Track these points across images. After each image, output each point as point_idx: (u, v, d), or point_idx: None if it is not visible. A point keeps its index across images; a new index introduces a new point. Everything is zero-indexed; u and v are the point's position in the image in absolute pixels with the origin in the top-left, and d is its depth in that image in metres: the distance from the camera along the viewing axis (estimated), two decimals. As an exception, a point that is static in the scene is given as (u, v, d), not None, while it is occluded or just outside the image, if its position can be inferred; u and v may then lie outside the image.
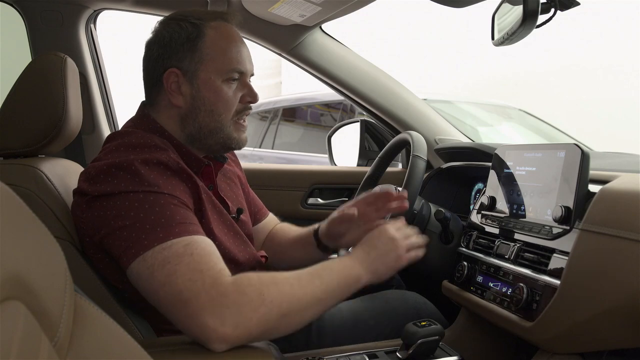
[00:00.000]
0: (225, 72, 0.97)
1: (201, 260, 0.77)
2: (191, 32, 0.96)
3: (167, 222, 0.79)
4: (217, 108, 0.97)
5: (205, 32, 0.96)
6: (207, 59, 0.96)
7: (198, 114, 0.97)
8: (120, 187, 0.82)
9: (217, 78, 0.96)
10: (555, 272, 0.87)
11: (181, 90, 0.96)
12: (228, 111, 0.98)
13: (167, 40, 0.96)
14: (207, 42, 0.96)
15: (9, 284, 0.35)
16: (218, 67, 0.96)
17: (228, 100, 0.97)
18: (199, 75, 0.96)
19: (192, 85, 0.96)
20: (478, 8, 1.15)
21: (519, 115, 3.40)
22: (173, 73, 0.96)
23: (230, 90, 0.98)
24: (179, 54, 0.96)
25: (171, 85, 0.96)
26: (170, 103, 0.97)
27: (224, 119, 0.98)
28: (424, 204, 1.26)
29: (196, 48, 0.95)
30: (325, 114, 3.67)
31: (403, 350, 0.99)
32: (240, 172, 1.22)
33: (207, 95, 0.96)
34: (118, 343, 0.51)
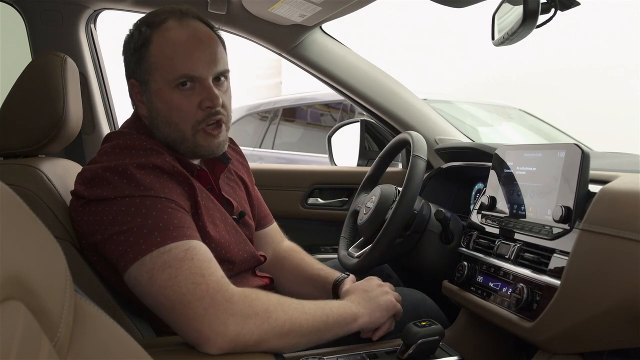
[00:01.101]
0: (173, 80, 0.90)
1: (202, 265, 0.77)
2: (137, 41, 0.92)
3: (165, 226, 0.79)
4: (171, 118, 0.92)
5: (151, 40, 0.91)
6: (154, 67, 0.91)
7: (158, 124, 0.94)
8: (116, 191, 0.82)
9: (165, 87, 0.91)
10: (555, 272, 0.87)
11: (142, 100, 0.95)
12: (184, 120, 0.92)
13: (124, 50, 0.96)
14: (152, 50, 0.91)
15: (9, 284, 0.35)
16: (164, 75, 0.90)
17: (181, 109, 0.91)
18: (150, 86, 0.92)
19: (147, 95, 0.94)
20: (478, 8, 1.15)
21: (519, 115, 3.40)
22: (131, 83, 0.95)
23: (184, 97, 0.91)
24: (132, 65, 0.94)
25: (136, 95, 0.96)
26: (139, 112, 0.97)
27: (183, 129, 0.92)
28: (424, 204, 1.26)
29: (143, 58, 0.92)
30: (325, 114, 3.67)
31: (403, 350, 0.99)
32: (248, 175, 1.21)
33: (159, 106, 0.92)
34: (118, 343, 0.51)
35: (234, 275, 0.99)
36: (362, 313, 0.94)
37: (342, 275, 1.13)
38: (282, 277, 1.19)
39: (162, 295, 0.76)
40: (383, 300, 0.98)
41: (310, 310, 0.85)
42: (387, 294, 1.00)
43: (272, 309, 0.78)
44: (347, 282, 1.08)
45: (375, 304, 0.97)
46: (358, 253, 1.26)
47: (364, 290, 0.99)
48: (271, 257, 1.22)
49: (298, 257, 1.22)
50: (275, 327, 0.77)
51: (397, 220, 1.13)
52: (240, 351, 0.75)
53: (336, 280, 1.12)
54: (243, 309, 0.75)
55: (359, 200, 1.41)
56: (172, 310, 0.76)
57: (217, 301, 0.74)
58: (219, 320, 0.73)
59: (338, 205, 1.82)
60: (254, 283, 1.07)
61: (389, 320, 1.01)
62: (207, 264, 0.78)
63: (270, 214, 1.28)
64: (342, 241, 1.38)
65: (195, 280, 0.75)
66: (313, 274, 1.18)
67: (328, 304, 0.90)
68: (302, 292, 1.14)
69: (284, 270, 1.21)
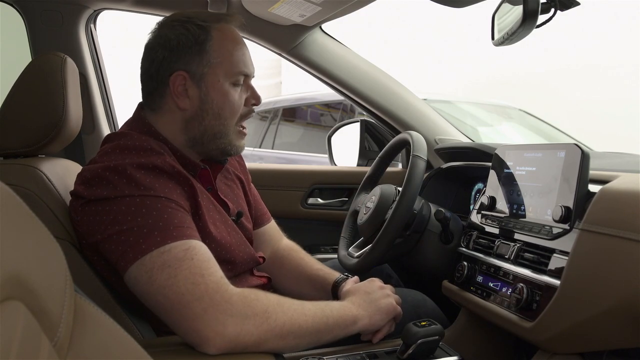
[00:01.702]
0: (233, 75, 0.97)
1: (202, 265, 0.77)
2: (199, 35, 0.95)
3: (165, 225, 0.79)
4: (224, 111, 0.97)
5: (212, 35, 0.95)
6: (215, 62, 0.95)
7: (205, 117, 0.96)
8: (116, 191, 0.82)
9: (225, 81, 0.96)
10: (555, 272, 0.87)
11: (188, 93, 0.95)
12: (234, 115, 0.98)
13: (174, 43, 0.95)
14: (214, 45, 0.95)
15: (9, 284, 0.35)
16: (226, 70, 0.96)
17: (234, 104, 0.97)
18: (207, 78, 0.95)
19: (199, 88, 0.95)
20: (478, 8, 1.15)
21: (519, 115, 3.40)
22: (180, 76, 0.94)
23: (237, 93, 0.98)
24: (186, 57, 0.94)
25: (178, 88, 0.95)
26: (176, 106, 0.96)
27: (229, 124, 0.98)
28: (424, 204, 1.26)
29: (204, 51, 0.94)
30: (325, 114, 3.67)
31: (403, 350, 0.99)
32: (244, 174, 1.21)
33: (216, 98, 0.96)
34: (118, 343, 0.51)
35: (234, 276, 0.99)
36: (362, 315, 0.94)
37: (341, 276, 1.13)
38: (282, 277, 1.19)
39: (161, 295, 0.76)
40: (384, 303, 0.98)
41: (310, 311, 0.85)
42: (388, 297, 1.00)
43: (271, 309, 0.78)
44: (349, 282, 1.07)
45: (376, 306, 0.97)
46: (358, 253, 1.26)
47: (365, 292, 0.99)
48: (270, 255, 1.22)
49: (297, 256, 1.22)
50: (275, 328, 0.77)
51: (397, 220, 1.13)
52: (240, 351, 0.75)
53: (336, 281, 1.12)
54: (242, 309, 0.75)
55: (359, 200, 1.41)
56: (172, 310, 0.76)
57: (216, 301, 0.74)
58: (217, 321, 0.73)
59: (338, 205, 1.82)
60: (252, 282, 1.07)
61: (389, 323, 1.01)
62: (207, 264, 0.78)
63: (268, 212, 1.28)
64: (342, 241, 1.38)
65: (195, 280, 0.75)
66: (312, 274, 1.18)
67: (328, 306, 0.90)
68: (301, 291, 1.14)
69: (283, 269, 1.21)
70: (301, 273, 1.19)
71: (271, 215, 1.29)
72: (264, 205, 1.27)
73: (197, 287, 0.74)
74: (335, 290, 1.11)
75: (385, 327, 1.00)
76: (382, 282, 1.06)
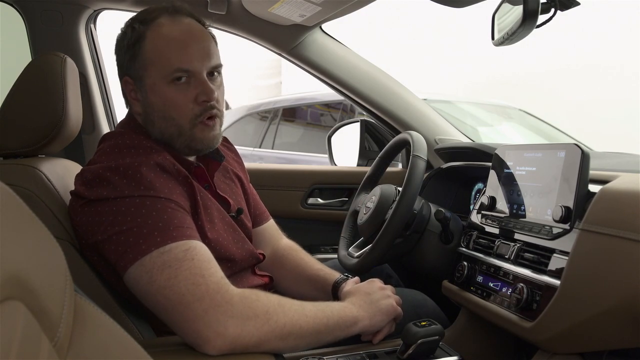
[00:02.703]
0: (168, 74, 0.90)
1: (202, 265, 0.77)
2: (131, 38, 0.92)
3: (165, 226, 0.79)
4: (168, 113, 0.92)
5: (145, 35, 0.91)
6: (148, 63, 0.91)
7: (154, 119, 0.94)
8: (116, 191, 0.82)
9: (161, 82, 0.91)
10: (555, 272, 0.87)
11: (137, 97, 0.95)
12: (181, 115, 0.92)
13: (117, 48, 0.95)
14: (146, 46, 0.91)
15: (9, 284, 0.35)
16: (159, 70, 0.91)
17: (177, 104, 0.91)
18: (145, 82, 0.92)
19: (142, 92, 0.94)
20: (478, 8, 1.15)
21: (519, 115, 3.40)
22: (125, 81, 0.95)
23: (180, 92, 0.91)
24: (125, 62, 0.94)
25: (130, 93, 0.95)
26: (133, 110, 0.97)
27: (180, 123, 0.92)
28: (424, 204, 1.26)
29: (137, 54, 0.92)
30: (325, 114, 3.67)
31: (403, 350, 0.99)
32: (243, 172, 1.21)
33: (155, 101, 0.92)
34: (118, 343, 0.51)
35: (234, 273, 0.99)
36: (362, 316, 0.94)
37: (342, 276, 1.13)
38: (281, 277, 1.19)
39: (161, 295, 0.76)
40: (384, 304, 0.99)
41: (310, 312, 0.85)
42: (389, 298, 1.00)
43: (272, 310, 0.78)
44: (349, 283, 1.07)
45: (376, 307, 0.97)
46: (358, 253, 1.26)
47: (366, 293, 0.99)
48: (270, 255, 1.22)
49: (297, 256, 1.22)
50: (275, 329, 0.78)
51: (397, 220, 1.13)
52: (240, 352, 0.75)
53: (336, 282, 1.12)
54: (243, 310, 0.75)
55: (359, 200, 1.41)
56: (172, 311, 0.76)
57: (216, 302, 0.74)
58: (218, 322, 0.73)
59: (338, 205, 1.82)
60: (254, 282, 1.07)
61: (389, 324, 1.01)
62: (207, 265, 0.78)
63: (267, 211, 1.28)
64: (342, 241, 1.38)
65: (195, 281, 0.75)
66: (313, 274, 1.17)
67: (329, 307, 0.90)
68: (301, 292, 1.14)
69: (283, 269, 1.20)
70: (301, 273, 1.18)
71: (271, 215, 1.29)
72: (262, 204, 1.27)
73: (198, 287, 0.74)
74: (335, 290, 1.11)
75: (386, 327, 1.00)
76: (382, 282, 1.06)
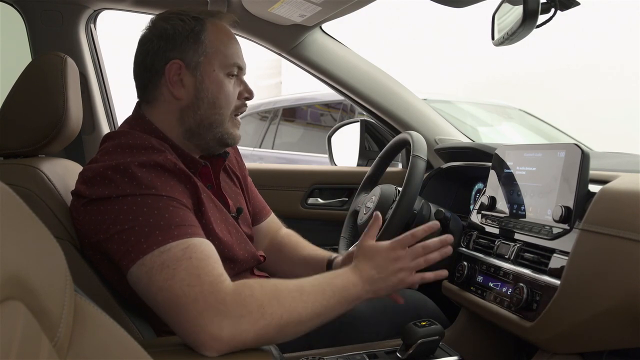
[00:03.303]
0: (227, 66, 0.98)
1: (199, 264, 0.77)
2: (194, 26, 0.97)
3: (166, 224, 0.79)
4: (218, 100, 0.98)
5: (207, 27, 0.97)
6: (210, 51, 0.97)
7: (200, 105, 0.97)
8: (117, 190, 0.82)
9: (219, 71, 0.97)
10: (555, 272, 0.87)
11: (183, 82, 0.96)
12: (228, 105, 0.99)
13: (170, 33, 0.96)
14: (209, 36, 0.97)
15: (9, 284, 0.35)
16: (221, 60, 0.97)
17: (229, 94, 0.98)
18: (202, 67, 0.96)
19: (195, 77, 0.96)
20: (478, 8, 1.15)
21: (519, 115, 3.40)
22: (176, 64, 0.95)
23: (231, 84, 0.99)
24: (182, 46, 0.96)
25: (173, 77, 0.96)
26: (171, 96, 0.96)
27: (224, 113, 0.99)
28: (424, 204, 1.26)
29: (200, 40, 0.96)
30: (325, 114, 3.67)
31: (403, 350, 0.99)
32: (242, 170, 1.21)
33: (210, 87, 0.97)
34: (118, 343, 0.51)
35: (236, 274, 0.99)
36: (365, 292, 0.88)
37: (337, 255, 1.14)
38: (279, 260, 1.21)
39: (160, 296, 0.76)
40: (393, 280, 0.90)
41: (309, 296, 0.81)
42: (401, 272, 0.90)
43: (266, 303, 0.77)
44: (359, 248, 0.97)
45: (383, 282, 0.90)
46: (358, 253, 1.25)
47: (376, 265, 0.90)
48: (269, 242, 1.24)
49: (295, 240, 1.24)
50: (272, 322, 0.76)
51: (397, 220, 1.13)
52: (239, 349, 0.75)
53: (330, 259, 1.13)
54: (236, 309, 0.74)
55: (359, 200, 1.41)
56: (170, 313, 0.75)
57: (210, 304, 0.73)
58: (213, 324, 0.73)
59: (338, 205, 1.82)
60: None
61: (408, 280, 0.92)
62: (205, 262, 0.78)
63: (267, 206, 1.28)
64: (342, 241, 1.38)
65: (191, 281, 0.75)
66: (307, 254, 1.19)
67: (330, 285, 0.85)
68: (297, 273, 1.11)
69: (281, 253, 1.22)
70: (297, 254, 1.20)
71: None
72: (262, 200, 1.28)
73: (193, 289, 0.74)
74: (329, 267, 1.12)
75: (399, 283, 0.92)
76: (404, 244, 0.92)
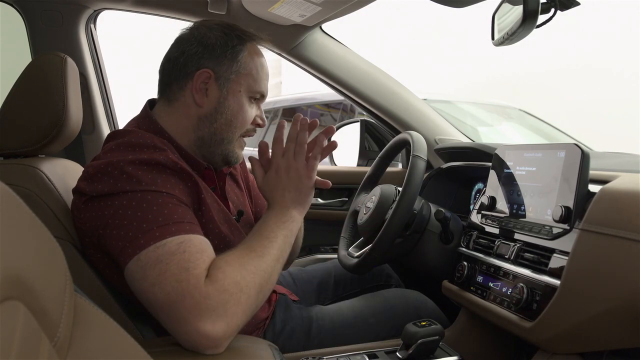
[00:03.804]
0: (253, 91, 1.01)
1: (190, 258, 0.76)
2: (236, 44, 0.99)
3: (164, 221, 0.79)
4: (236, 120, 1.00)
5: (246, 47, 1.00)
6: (243, 72, 0.99)
7: (218, 119, 0.99)
8: (117, 186, 0.82)
9: (245, 93, 1.00)
10: (555, 272, 0.87)
11: (208, 92, 0.98)
12: (243, 127, 1.02)
13: (211, 42, 0.98)
14: (246, 58, 1.00)
15: (9, 284, 0.35)
16: (250, 83, 1.00)
17: (246, 117, 1.01)
18: (230, 84, 0.99)
19: (221, 90, 0.98)
20: (478, 8, 1.15)
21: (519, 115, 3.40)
22: (206, 73, 0.97)
23: (251, 108, 1.02)
24: (219, 59, 0.98)
25: (200, 84, 0.97)
26: (193, 101, 0.98)
27: (236, 133, 1.01)
28: (424, 204, 1.26)
29: (237, 59, 0.99)
30: (325, 114, 3.67)
31: (403, 350, 0.99)
32: (245, 172, 1.22)
33: (232, 105, 0.99)
34: (118, 343, 0.51)
35: None
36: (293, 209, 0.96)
37: None
38: None
39: (152, 293, 0.75)
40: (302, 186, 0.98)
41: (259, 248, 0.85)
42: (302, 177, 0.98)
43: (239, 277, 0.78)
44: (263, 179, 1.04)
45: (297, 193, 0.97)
46: (358, 253, 1.26)
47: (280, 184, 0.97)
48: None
49: None
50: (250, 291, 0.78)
51: (397, 220, 1.13)
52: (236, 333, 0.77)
53: None
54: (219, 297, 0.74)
55: (359, 200, 1.41)
56: (162, 311, 0.75)
57: (196, 300, 0.73)
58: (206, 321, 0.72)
59: (338, 205, 1.82)
60: None
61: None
62: (196, 256, 0.77)
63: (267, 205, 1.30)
64: (342, 241, 1.38)
65: (180, 277, 0.74)
66: None
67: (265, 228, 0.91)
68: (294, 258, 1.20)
69: None
70: None
71: None
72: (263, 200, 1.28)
73: (181, 284, 0.74)
74: None
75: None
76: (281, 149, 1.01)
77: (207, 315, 0.73)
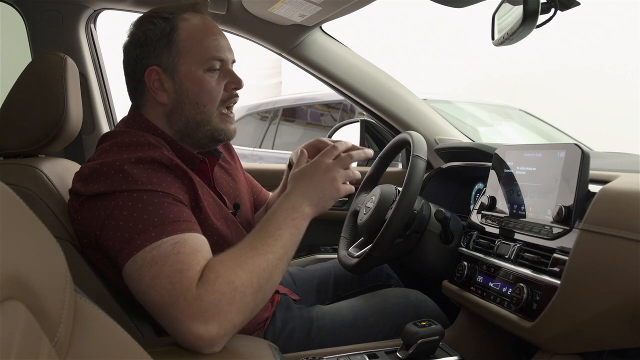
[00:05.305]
0: (205, 62, 0.96)
1: (185, 259, 0.76)
2: (164, 27, 0.95)
3: (160, 220, 0.79)
4: (201, 99, 0.96)
5: (178, 25, 0.96)
6: (185, 51, 0.95)
7: (183, 107, 0.97)
8: (113, 186, 0.82)
9: (197, 69, 0.96)
10: (555, 272, 0.87)
11: (164, 87, 0.96)
12: (213, 101, 0.98)
13: (142, 40, 0.96)
14: (182, 35, 0.95)
15: (9, 284, 0.35)
16: (197, 57, 0.95)
17: (212, 90, 0.97)
18: (179, 69, 0.95)
19: (173, 80, 0.96)
20: (478, 8, 1.15)
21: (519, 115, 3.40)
22: (154, 71, 0.96)
23: (213, 79, 0.97)
24: (156, 51, 0.95)
25: (153, 83, 0.96)
26: (155, 101, 0.97)
27: (210, 110, 0.98)
28: (424, 204, 1.26)
29: (172, 42, 0.95)
30: (325, 114, 3.68)
31: (403, 350, 0.99)
32: (234, 161, 1.22)
33: (190, 88, 0.96)
34: (118, 343, 0.51)
35: None
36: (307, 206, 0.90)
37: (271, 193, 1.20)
38: None
39: (148, 294, 0.75)
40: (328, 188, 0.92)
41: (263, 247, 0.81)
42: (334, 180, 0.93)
43: (233, 276, 0.76)
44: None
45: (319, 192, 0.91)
46: (358, 253, 1.26)
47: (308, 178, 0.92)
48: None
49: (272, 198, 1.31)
50: (246, 291, 0.76)
51: (397, 220, 1.13)
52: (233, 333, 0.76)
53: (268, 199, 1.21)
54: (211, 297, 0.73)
55: (359, 200, 1.41)
56: (158, 312, 0.75)
57: (188, 302, 0.72)
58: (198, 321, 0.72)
59: (338, 205, 1.82)
60: None
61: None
62: (190, 257, 0.76)
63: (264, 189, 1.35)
64: (342, 241, 1.38)
65: (174, 278, 0.74)
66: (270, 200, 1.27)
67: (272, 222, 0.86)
68: None
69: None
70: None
71: None
72: (258, 184, 1.32)
73: (174, 286, 0.73)
74: None
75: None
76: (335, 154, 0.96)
77: (199, 317, 0.72)
